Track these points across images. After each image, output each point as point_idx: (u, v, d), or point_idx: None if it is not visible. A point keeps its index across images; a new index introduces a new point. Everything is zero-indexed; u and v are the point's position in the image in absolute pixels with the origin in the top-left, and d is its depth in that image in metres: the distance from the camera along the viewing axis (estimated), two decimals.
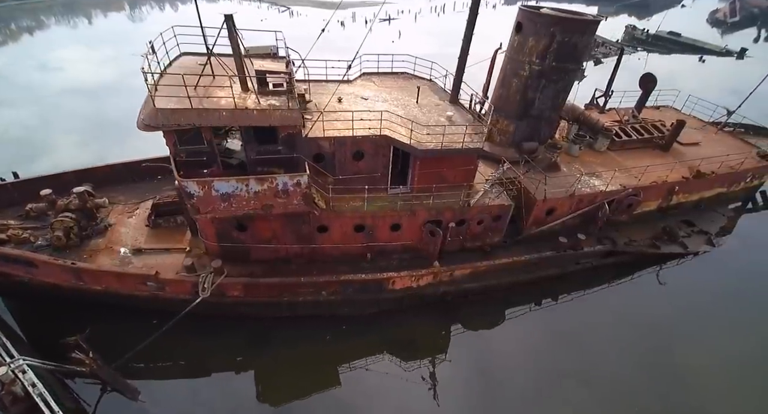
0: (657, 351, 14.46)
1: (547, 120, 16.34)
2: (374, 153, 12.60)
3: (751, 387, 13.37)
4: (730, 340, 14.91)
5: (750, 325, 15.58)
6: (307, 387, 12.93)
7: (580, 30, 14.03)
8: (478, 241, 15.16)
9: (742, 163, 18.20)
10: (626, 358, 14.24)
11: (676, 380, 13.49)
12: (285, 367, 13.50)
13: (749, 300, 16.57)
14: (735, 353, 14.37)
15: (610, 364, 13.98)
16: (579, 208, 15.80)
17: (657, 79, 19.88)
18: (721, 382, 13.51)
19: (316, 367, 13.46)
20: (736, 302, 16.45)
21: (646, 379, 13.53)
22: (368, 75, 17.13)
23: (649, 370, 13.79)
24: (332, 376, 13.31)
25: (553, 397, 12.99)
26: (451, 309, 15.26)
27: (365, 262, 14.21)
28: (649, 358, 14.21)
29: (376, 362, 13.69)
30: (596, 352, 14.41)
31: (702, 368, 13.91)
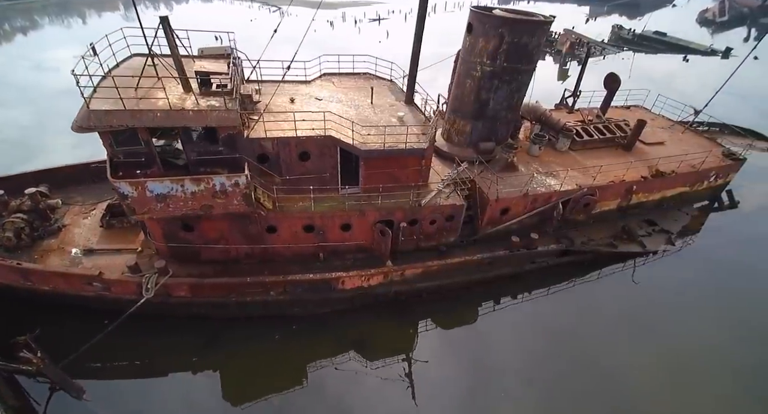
0: (607, 351, 14.56)
1: (503, 120, 16.40)
2: (320, 153, 12.67)
3: (695, 385, 13.48)
4: (685, 338, 15.01)
5: (709, 322, 15.64)
6: (261, 387, 13.00)
7: (529, 31, 14.08)
8: (433, 240, 15.23)
9: (703, 162, 18.26)
10: (577, 356, 14.35)
11: (615, 381, 13.58)
12: (237, 367, 13.55)
13: (711, 298, 16.65)
14: (685, 352, 14.47)
15: (559, 363, 14.06)
16: (534, 207, 15.88)
17: (621, 79, 19.95)
18: (663, 381, 13.59)
19: (268, 367, 13.50)
20: (697, 301, 16.54)
21: (591, 378, 13.63)
22: (328, 75, 17.20)
23: (596, 369, 13.90)
24: (282, 376, 13.35)
25: (495, 394, 13.07)
26: (405, 309, 15.32)
27: (318, 262, 14.31)
28: (601, 356, 14.31)
29: (329, 362, 13.72)
30: (547, 352, 14.47)
31: (644, 367, 13.97)
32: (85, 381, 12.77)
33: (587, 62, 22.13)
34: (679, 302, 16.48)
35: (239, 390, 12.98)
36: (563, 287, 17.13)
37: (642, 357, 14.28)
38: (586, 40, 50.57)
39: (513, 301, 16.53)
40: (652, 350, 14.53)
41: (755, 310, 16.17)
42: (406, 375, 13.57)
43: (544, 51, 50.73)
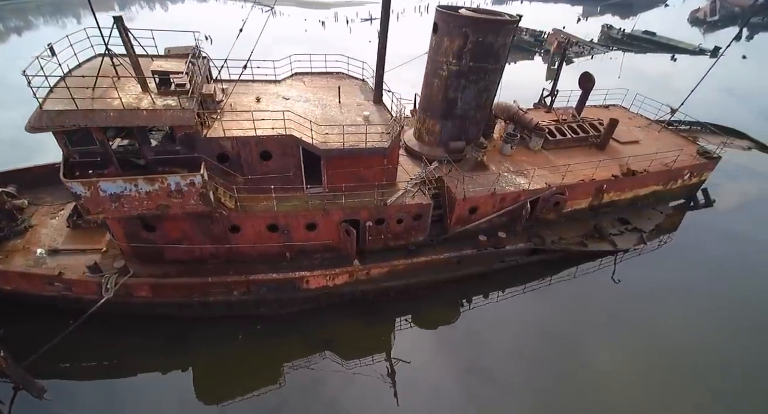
0: (583, 349, 14.59)
1: (473, 119, 16.43)
2: (282, 153, 12.66)
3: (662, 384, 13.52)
4: (660, 337, 15.04)
5: (686, 320, 15.65)
6: (231, 387, 13.00)
7: (494, 30, 14.11)
8: (402, 240, 15.25)
9: (675, 160, 18.30)
10: (546, 355, 14.37)
11: (584, 380, 13.62)
12: (205, 367, 13.59)
13: (686, 296, 16.68)
14: (660, 350, 14.50)
15: (526, 362, 14.10)
16: (503, 206, 15.91)
17: (595, 79, 19.98)
18: (637, 379, 13.63)
19: (237, 367, 13.49)
20: (673, 299, 16.55)
21: (556, 377, 13.66)
22: (300, 75, 17.20)
23: (562, 367, 13.94)
24: (253, 376, 13.32)
25: (471, 392, 13.10)
26: (374, 308, 15.33)
27: (285, 261, 14.32)
28: (579, 354, 14.37)
29: (301, 361, 13.72)
30: (524, 349, 14.53)
31: (619, 366, 14.02)
32: (48, 381, 12.80)
33: (563, 62, 22.23)
34: (655, 300, 16.52)
35: (208, 390, 12.95)
36: (539, 286, 17.16)
37: (617, 355, 14.30)
38: (575, 40, 50.65)
39: (486, 300, 16.53)
40: (628, 349, 14.54)
41: (731, 308, 16.18)
42: (374, 373, 13.57)
43: (533, 51, 50.86)
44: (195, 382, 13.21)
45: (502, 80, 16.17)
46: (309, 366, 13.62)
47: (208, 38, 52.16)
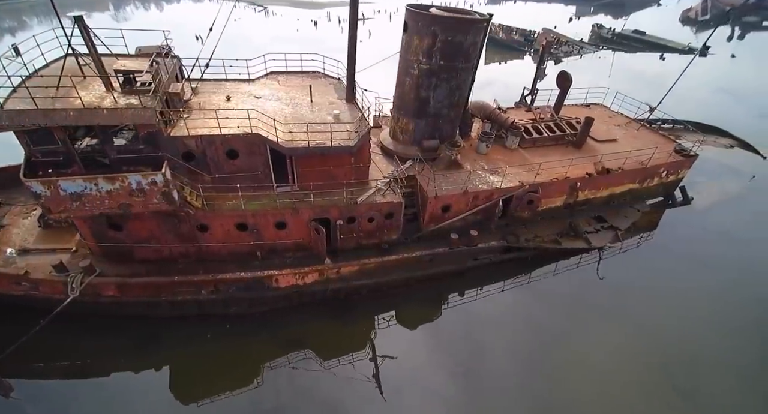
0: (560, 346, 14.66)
1: (446, 118, 16.45)
2: (249, 152, 12.68)
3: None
4: (631, 335, 15.14)
5: (658, 318, 15.76)
6: (206, 387, 13.02)
7: (462, 29, 14.15)
8: (374, 238, 15.27)
9: (650, 158, 18.37)
10: (526, 350, 14.48)
11: (555, 376, 13.68)
12: (178, 367, 13.62)
13: (658, 294, 16.77)
14: (629, 348, 14.60)
15: (506, 357, 14.20)
16: (476, 204, 15.96)
17: (572, 78, 20.04)
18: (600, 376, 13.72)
19: (209, 366, 13.51)
20: (645, 297, 16.66)
21: (529, 374, 13.72)
22: (275, 74, 17.23)
23: (535, 365, 13.99)
24: (224, 375, 13.31)
25: (433, 391, 13.16)
26: (346, 306, 15.35)
27: (257, 260, 14.34)
28: (554, 351, 14.44)
29: (273, 361, 13.75)
30: (494, 346, 14.60)
31: (592, 363, 14.10)
32: (16, 380, 12.85)
33: (543, 61, 22.27)
34: (634, 297, 16.64)
35: (179, 391, 12.96)
36: (520, 283, 17.26)
37: (597, 351, 14.41)
38: (564, 40, 50.89)
39: (462, 298, 16.60)
40: (608, 345, 14.63)
41: (706, 306, 16.26)
42: (348, 371, 13.60)
43: (523, 50, 50.97)
44: (164, 381, 13.22)
45: (493, 79, 16.25)
46: (285, 365, 13.64)
47: (199, 38, 52.21)
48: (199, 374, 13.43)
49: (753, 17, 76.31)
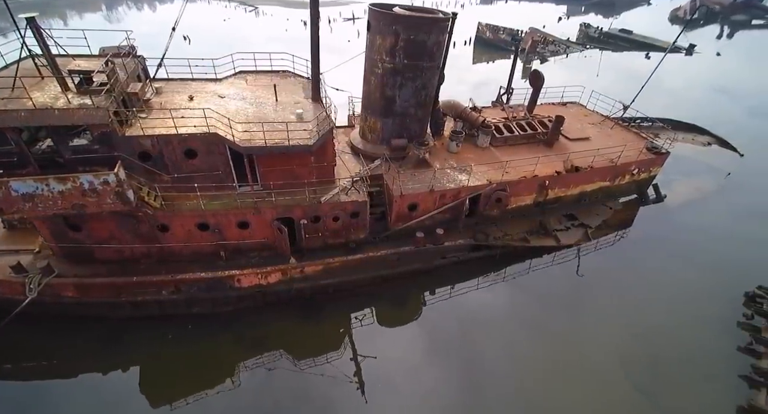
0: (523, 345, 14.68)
1: (413, 117, 16.48)
2: (208, 151, 12.66)
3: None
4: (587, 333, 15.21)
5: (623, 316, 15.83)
6: (162, 388, 13.02)
7: (425, 28, 14.19)
8: (341, 237, 15.30)
9: (620, 156, 18.45)
10: (493, 349, 14.48)
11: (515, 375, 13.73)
12: (137, 367, 13.54)
13: (622, 291, 16.86)
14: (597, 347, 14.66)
15: (474, 356, 14.21)
16: (444, 203, 15.99)
17: (544, 77, 20.10)
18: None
19: (169, 368, 13.55)
20: (611, 294, 16.75)
21: (495, 370, 13.76)
22: (243, 73, 17.23)
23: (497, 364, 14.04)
24: (194, 376, 13.29)
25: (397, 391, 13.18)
26: (314, 306, 15.33)
27: (220, 260, 14.33)
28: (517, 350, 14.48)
29: (236, 361, 13.74)
30: (464, 345, 14.63)
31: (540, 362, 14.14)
32: None
33: (517, 60, 22.36)
34: (604, 293, 16.78)
35: (151, 391, 12.89)
36: (494, 281, 17.27)
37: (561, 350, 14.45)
38: (551, 39, 51.02)
39: (433, 296, 16.62)
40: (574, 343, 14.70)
41: (676, 302, 16.35)
42: (322, 371, 13.61)
43: (510, 50, 51.00)
44: (134, 382, 13.15)
45: (483, 78, 16.24)
46: (260, 366, 13.62)
47: (186, 38, 52.14)
48: (170, 375, 13.40)
49: (741, 16, 76.71)
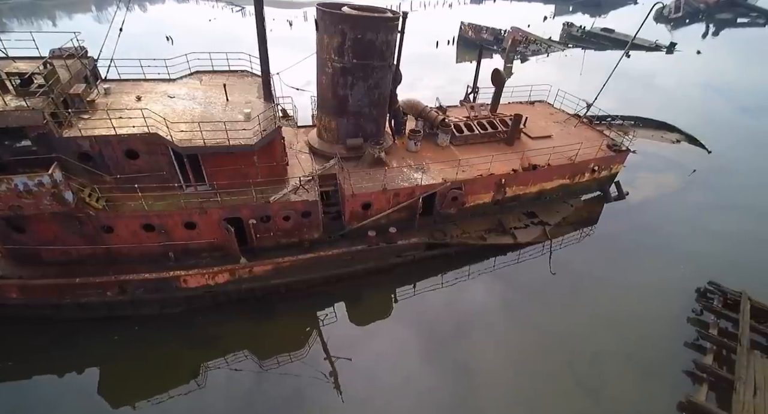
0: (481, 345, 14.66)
1: (368, 116, 16.52)
2: (150, 151, 12.66)
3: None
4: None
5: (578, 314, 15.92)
6: (113, 391, 12.86)
7: (372, 28, 14.23)
8: (294, 236, 15.30)
9: (577, 154, 18.53)
10: (445, 348, 14.48)
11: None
12: (103, 368, 13.48)
13: (575, 290, 16.91)
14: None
15: (432, 353, 14.23)
16: (399, 202, 16.01)
17: (505, 76, 20.17)
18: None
19: (135, 369, 13.40)
20: (561, 293, 16.78)
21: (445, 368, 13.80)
22: (199, 73, 17.23)
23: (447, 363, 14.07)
24: (154, 377, 13.23)
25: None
26: (266, 306, 15.27)
27: (170, 261, 14.30)
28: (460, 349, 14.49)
29: (183, 361, 13.66)
30: (419, 342, 14.65)
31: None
32: None
33: (481, 59, 22.43)
34: (563, 291, 16.83)
35: (110, 393, 12.77)
36: (459, 278, 17.27)
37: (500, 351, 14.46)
38: (532, 39, 51.18)
39: (393, 295, 16.60)
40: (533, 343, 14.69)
41: (631, 299, 16.40)
42: (282, 370, 13.58)
43: (492, 49, 51.17)
44: (91, 383, 13.03)
45: (467, 78, 16.21)
46: (223, 366, 13.55)
47: (169, 39, 52.01)
48: (128, 377, 13.25)
49: (726, 14, 77.20)
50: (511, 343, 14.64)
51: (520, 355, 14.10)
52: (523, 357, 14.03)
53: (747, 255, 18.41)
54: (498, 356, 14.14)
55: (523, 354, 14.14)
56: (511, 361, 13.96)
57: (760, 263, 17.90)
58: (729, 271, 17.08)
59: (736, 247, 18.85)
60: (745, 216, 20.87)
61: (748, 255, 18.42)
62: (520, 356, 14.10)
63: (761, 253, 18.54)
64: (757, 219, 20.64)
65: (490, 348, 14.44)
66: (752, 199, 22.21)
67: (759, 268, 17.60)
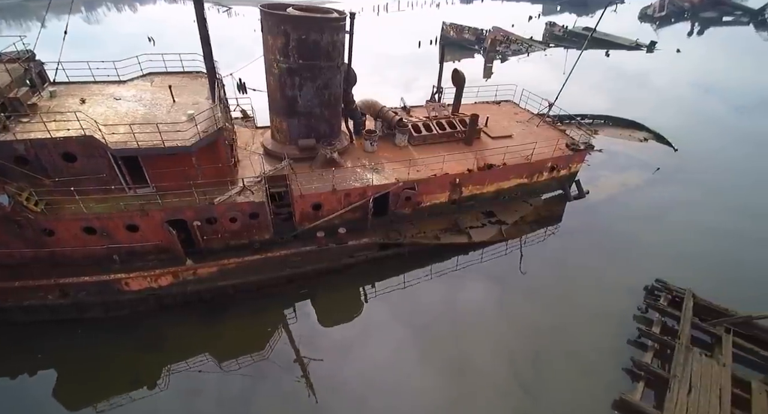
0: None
1: (319, 117, 16.51)
2: (88, 154, 12.60)
3: None
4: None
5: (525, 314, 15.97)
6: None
7: (316, 28, 14.23)
8: (243, 238, 15.26)
9: (532, 153, 18.58)
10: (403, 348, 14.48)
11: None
12: (59, 372, 13.44)
13: (532, 288, 16.97)
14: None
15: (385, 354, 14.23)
16: (351, 202, 16.00)
17: (465, 76, 20.19)
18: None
19: (78, 373, 13.35)
20: (516, 291, 16.85)
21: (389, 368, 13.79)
22: (152, 75, 17.20)
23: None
24: (112, 380, 13.11)
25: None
26: (215, 308, 15.20)
27: (115, 264, 14.24)
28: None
29: (125, 364, 13.56)
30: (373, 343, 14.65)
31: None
32: None
33: (444, 59, 22.46)
34: (519, 289, 16.90)
35: (66, 397, 12.71)
36: (420, 278, 17.29)
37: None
38: (513, 38, 51.36)
39: (351, 295, 16.65)
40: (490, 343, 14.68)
41: (584, 297, 16.47)
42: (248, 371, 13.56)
43: (473, 49, 51.29)
44: (45, 386, 12.96)
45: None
46: (184, 369, 13.53)
47: (151, 40, 51.91)
48: (83, 380, 13.17)
49: (711, 13, 77.65)
50: (459, 341, 14.63)
51: (464, 354, 14.10)
52: (467, 356, 14.03)
53: (702, 252, 18.50)
54: (444, 355, 14.14)
55: (466, 353, 14.14)
56: (455, 359, 13.96)
57: (714, 260, 18.00)
58: (683, 268, 17.20)
59: (692, 245, 18.93)
60: (704, 214, 20.97)
61: (704, 252, 18.50)
62: (464, 355, 14.09)
63: (716, 249, 18.64)
64: (716, 216, 20.75)
65: (438, 347, 14.45)
66: (713, 196, 22.34)
67: (713, 264, 17.71)
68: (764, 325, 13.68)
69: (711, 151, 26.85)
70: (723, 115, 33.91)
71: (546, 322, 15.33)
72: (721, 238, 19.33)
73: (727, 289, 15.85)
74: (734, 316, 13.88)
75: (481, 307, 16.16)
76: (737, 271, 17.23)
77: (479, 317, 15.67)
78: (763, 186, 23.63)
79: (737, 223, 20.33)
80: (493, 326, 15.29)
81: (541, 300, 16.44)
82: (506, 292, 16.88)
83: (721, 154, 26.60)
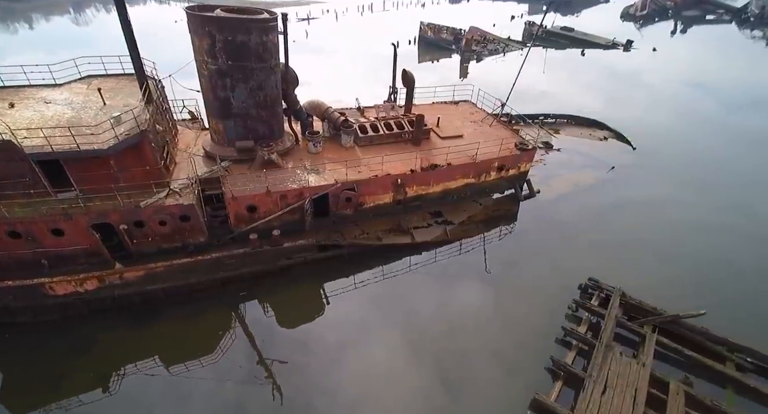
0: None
1: (257, 118, 16.44)
2: (7, 158, 12.47)
3: None
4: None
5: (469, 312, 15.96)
6: None
7: (243, 29, 14.17)
8: (175, 241, 15.15)
9: (477, 153, 18.56)
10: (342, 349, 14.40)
11: None
12: None
13: (475, 289, 16.96)
14: None
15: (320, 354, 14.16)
16: (288, 204, 15.93)
17: (414, 77, 20.16)
18: None
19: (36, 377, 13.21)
20: (462, 292, 16.84)
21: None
22: (91, 77, 17.12)
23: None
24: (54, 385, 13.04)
25: None
26: (146, 312, 15.08)
27: (44, 269, 14.13)
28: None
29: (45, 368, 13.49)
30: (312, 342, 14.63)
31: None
32: None
33: (396, 61, 22.42)
34: (465, 290, 16.89)
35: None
36: (369, 281, 17.22)
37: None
38: (491, 38, 51.41)
39: (277, 296, 16.57)
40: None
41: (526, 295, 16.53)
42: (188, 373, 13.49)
43: (451, 49, 51.31)
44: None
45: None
46: (135, 373, 13.49)
47: None
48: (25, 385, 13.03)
49: (694, 12, 78.07)
50: (390, 340, 14.60)
51: (392, 352, 14.07)
52: (395, 354, 14.00)
53: (645, 250, 18.54)
54: (374, 352, 14.12)
55: (396, 351, 14.11)
56: (385, 358, 13.92)
57: (655, 259, 18.04)
58: (622, 267, 17.26)
59: (635, 244, 18.97)
60: (654, 213, 21.03)
61: (646, 250, 18.54)
62: (393, 353, 14.06)
63: (659, 248, 18.67)
64: (665, 214, 20.81)
65: (370, 346, 14.41)
66: (665, 195, 22.38)
67: (653, 264, 17.76)
68: (691, 324, 13.71)
69: (670, 149, 26.94)
70: (690, 113, 34.06)
71: (481, 322, 15.33)
72: (666, 236, 19.40)
73: (663, 288, 15.93)
74: (662, 315, 13.89)
75: (422, 307, 16.09)
76: (674, 270, 17.31)
77: (417, 318, 15.59)
78: (718, 182, 23.75)
79: (687, 220, 20.41)
80: (429, 325, 15.24)
81: (483, 299, 16.45)
82: (451, 291, 16.86)
83: (680, 152, 26.69)
